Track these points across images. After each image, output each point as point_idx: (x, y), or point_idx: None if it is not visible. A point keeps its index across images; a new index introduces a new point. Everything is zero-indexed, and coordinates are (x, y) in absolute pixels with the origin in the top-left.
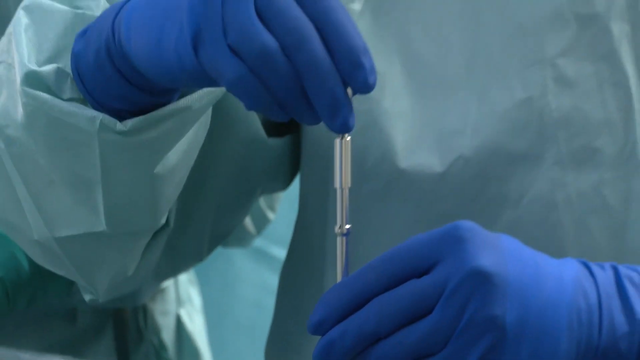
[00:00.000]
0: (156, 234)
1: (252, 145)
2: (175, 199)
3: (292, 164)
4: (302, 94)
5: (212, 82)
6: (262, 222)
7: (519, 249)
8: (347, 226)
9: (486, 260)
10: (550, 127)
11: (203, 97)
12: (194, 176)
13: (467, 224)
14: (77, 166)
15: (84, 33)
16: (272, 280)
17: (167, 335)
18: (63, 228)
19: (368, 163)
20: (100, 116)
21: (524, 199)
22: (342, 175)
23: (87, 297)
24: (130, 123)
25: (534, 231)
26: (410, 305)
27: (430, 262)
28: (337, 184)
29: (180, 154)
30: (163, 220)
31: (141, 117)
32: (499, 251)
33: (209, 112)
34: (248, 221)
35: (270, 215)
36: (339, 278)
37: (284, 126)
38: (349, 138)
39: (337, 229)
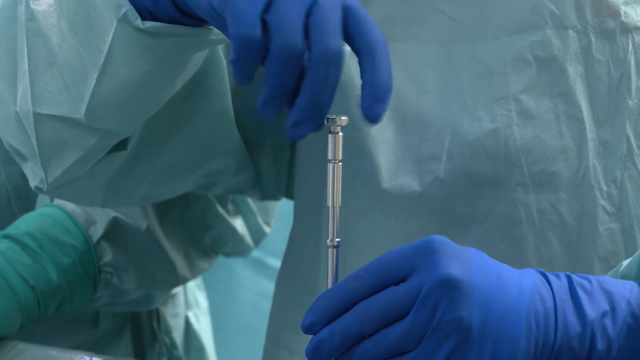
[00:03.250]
0: (112, 153)
1: (220, 120)
2: (145, 118)
3: (254, 170)
4: (287, 96)
5: (220, 25)
6: (259, 236)
7: (484, 260)
8: (337, 239)
9: (455, 269)
10: (514, 154)
11: (222, 37)
12: (161, 124)
13: (439, 238)
14: (85, 49)
15: None
16: (269, 286)
17: (177, 335)
18: (45, 106)
19: (356, 184)
20: (127, 7)
21: (490, 216)
22: (333, 196)
23: (33, 184)
24: (149, 24)
25: (500, 244)
26: (389, 309)
27: (406, 271)
28: (329, 203)
29: (172, 77)
30: (129, 133)
31: (161, 24)
32: (466, 262)
33: (202, 62)
34: (247, 235)
35: (267, 229)
36: (329, 284)
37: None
38: (340, 163)
39: (328, 242)
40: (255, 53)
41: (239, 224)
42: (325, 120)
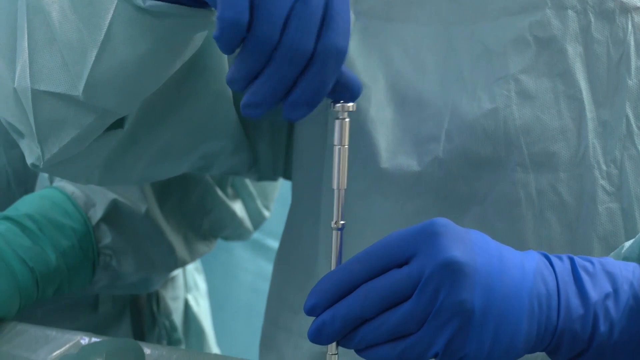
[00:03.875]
0: (109, 131)
1: (218, 101)
2: (143, 97)
3: (252, 153)
4: (251, 79)
5: (214, 4)
6: (258, 220)
7: (486, 242)
8: (342, 222)
9: (457, 252)
10: (513, 134)
11: None
12: (159, 104)
13: (442, 221)
14: (85, 26)
15: None
16: (268, 268)
17: (177, 318)
18: (43, 83)
19: (356, 164)
20: None
21: (489, 196)
22: (339, 178)
23: (30, 161)
24: (150, 3)
25: (499, 224)
26: (391, 292)
27: (409, 253)
28: (334, 186)
29: (172, 57)
30: (127, 112)
31: (162, 3)
32: (468, 244)
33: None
34: (246, 219)
35: (266, 213)
36: (333, 266)
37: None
38: (346, 145)
39: (333, 224)
40: (238, 35)
41: (238, 207)
42: (332, 106)
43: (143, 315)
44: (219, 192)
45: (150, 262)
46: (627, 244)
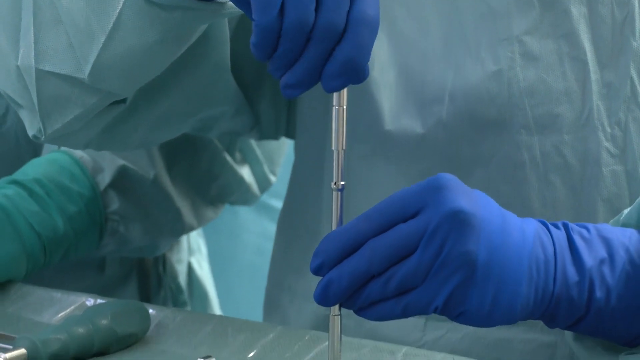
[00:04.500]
0: (111, 106)
1: (217, 70)
2: (147, 81)
3: (253, 115)
4: (268, 54)
5: (242, 5)
6: (265, 185)
7: (490, 202)
8: (342, 182)
9: (464, 203)
10: (517, 96)
11: (233, 10)
12: (159, 75)
13: (447, 176)
14: (94, 12)
15: None
16: (272, 228)
17: (182, 280)
18: (48, 63)
19: (359, 127)
20: None
21: (494, 159)
22: (338, 139)
23: (31, 133)
24: None
25: (503, 187)
26: (398, 247)
27: (415, 208)
28: (334, 147)
29: (179, 46)
30: (130, 94)
31: None
32: (474, 198)
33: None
34: (253, 184)
35: (272, 178)
36: (334, 227)
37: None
38: (345, 106)
39: (333, 185)
40: (275, 37)
41: (246, 172)
42: None
43: (149, 277)
44: (227, 158)
45: (157, 228)
46: (626, 210)
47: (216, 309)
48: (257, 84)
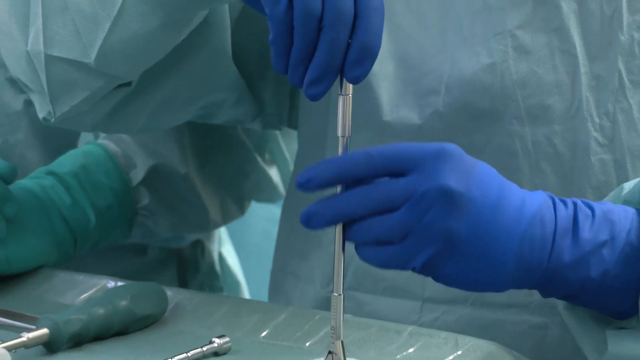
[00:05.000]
0: (117, 89)
1: (217, 56)
2: (151, 64)
3: (256, 105)
4: (286, 51)
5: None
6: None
7: (491, 177)
8: None
9: (454, 181)
10: (510, 87)
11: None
12: (161, 59)
13: (452, 147)
14: (99, 1)
15: None
16: (279, 213)
17: (218, 268)
18: (56, 48)
19: (359, 117)
20: None
21: (487, 148)
22: (344, 126)
23: (41, 115)
24: None
25: None
26: (383, 200)
27: (411, 166)
28: (339, 133)
29: (180, 30)
30: (135, 78)
31: None
32: (470, 176)
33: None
34: (279, 184)
35: None
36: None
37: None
38: (350, 94)
39: None
40: (289, 30)
41: (274, 173)
42: None
43: (187, 263)
44: (258, 158)
45: (184, 223)
46: (628, 185)
47: (247, 297)
48: (260, 74)
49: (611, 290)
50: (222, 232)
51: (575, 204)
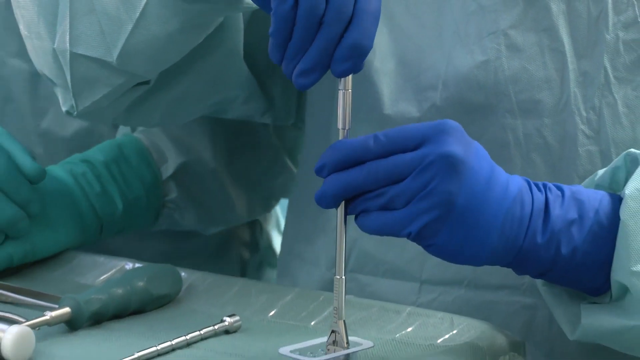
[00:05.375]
0: (136, 86)
1: (230, 57)
2: (169, 65)
3: (266, 101)
4: (284, 43)
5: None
6: None
7: (484, 155)
8: None
9: (458, 149)
10: (502, 83)
11: (249, 5)
12: (179, 61)
13: (453, 122)
14: (123, 4)
15: None
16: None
17: (275, 247)
18: (81, 47)
19: (361, 111)
20: None
21: (481, 140)
22: (345, 119)
23: (65, 107)
24: None
25: None
26: (392, 172)
27: (417, 142)
28: (340, 125)
29: (198, 34)
30: (154, 77)
31: None
32: (469, 147)
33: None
34: None
35: None
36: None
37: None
38: (350, 90)
39: None
40: (290, 25)
41: None
42: None
43: (247, 243)
44: (288, 160)
45: (209, 217)
46: (600, 172)
47: None
48: (270, 71)
49: (581, 267)
50: (278, 213)
51: (546, 186)
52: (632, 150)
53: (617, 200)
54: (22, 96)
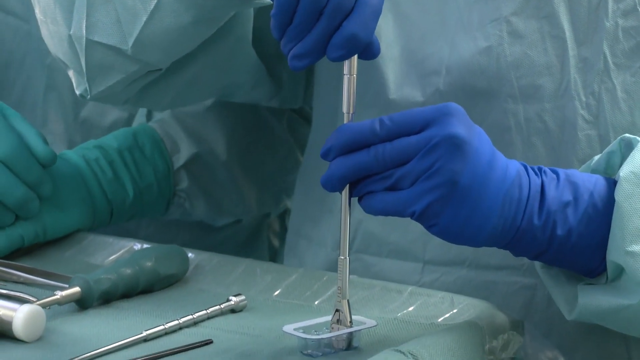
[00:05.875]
0: (148, 72)
1: (239, 44)
2: (182, 55)
3: (274, 85)
4: (284, 26)
5: None
6: None
7: (486, 138)
8: None
9: (462, 130)
10: (504, 69)
11: (262, 1)
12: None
13: (456, 106)
14: None
15: None
16: None
17: None
18: (97, 34)
19: (367, 95)
20: None
21: (484, 124)
22: (349, 103)
23: (79, 91)
24: None
25: None
26: (399, 154)
27: (422, 125)
28: (344, 109)
29: (211, 27)
30: (166, 65)
31: None
32: (472, 129)
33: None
34: None
35: None
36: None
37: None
38: (355, 75)
39: None
40: (292, 10)
41: None
42: None
43: (278, 230)
44: (300, 157)
45: (219, 208)
46: (596, 157)
47: None
48: (278, 57)
49: (576, 248)
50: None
51: (541, 170)
52: (626, 135)
53: (611, 184)
54: (64, 85)
